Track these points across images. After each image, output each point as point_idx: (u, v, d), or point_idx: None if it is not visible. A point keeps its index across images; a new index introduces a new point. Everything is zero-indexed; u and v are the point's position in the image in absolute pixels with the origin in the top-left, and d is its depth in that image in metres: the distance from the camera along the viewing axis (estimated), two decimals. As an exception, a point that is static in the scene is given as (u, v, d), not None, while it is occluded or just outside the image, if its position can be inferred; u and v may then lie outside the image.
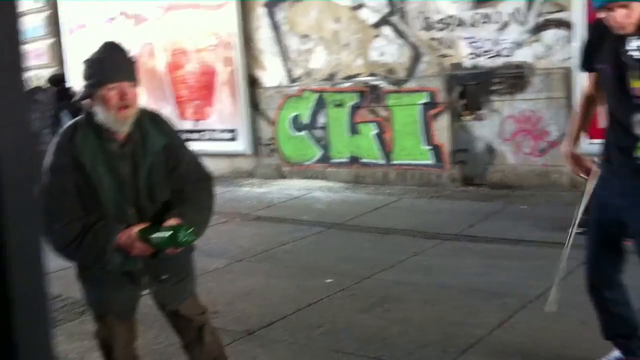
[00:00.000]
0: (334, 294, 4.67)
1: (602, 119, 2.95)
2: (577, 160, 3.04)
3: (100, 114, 2.61)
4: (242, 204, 7.97)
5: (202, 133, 10.14)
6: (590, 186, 2.99)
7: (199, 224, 2.72)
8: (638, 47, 2.64)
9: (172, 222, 2.61)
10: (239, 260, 5.67)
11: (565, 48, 7.22)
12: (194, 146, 3.01)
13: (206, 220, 2.81)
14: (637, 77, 2.66)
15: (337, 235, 6.42)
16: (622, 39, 2.68)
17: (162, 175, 2.72)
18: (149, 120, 2.74)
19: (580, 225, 3.07)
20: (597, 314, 3.09)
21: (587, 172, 3.02)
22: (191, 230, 2.58)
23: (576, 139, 3.08)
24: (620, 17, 2.63)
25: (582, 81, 7.02)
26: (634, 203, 2.79)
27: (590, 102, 3.03)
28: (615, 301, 3.03)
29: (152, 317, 3.50)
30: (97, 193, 2.63)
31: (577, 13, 7.01)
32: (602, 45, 2.80)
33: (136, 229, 2.61)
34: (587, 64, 2.94)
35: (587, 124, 3.11)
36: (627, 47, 2.65)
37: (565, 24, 7.20)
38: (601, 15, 2.71)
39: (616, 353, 3.10)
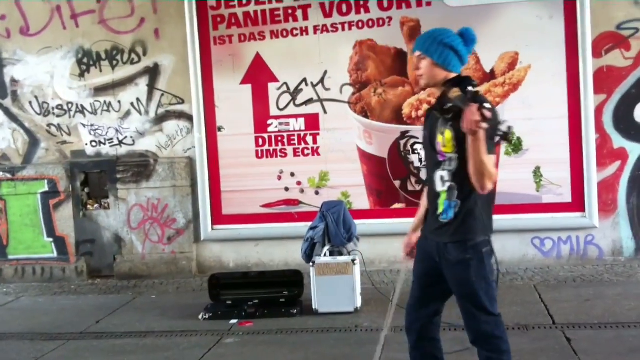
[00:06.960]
0: None
1: None
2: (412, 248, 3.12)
3: None
4: None
5: None
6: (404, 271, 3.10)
7: None
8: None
9: None
10: None
11: (188, 138, 7.51)
12: None
13: None
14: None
15: None
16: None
17: None
18: None
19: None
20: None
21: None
22: None
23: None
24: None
25: (204, 170, 7.41)
26: (446, 265, 2.85)
27: None
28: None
29: None
30: None
31: (196, 106, 7.38)
32: None
33: None
34: None
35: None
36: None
37: (185, 116, 7.51)
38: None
39: None
